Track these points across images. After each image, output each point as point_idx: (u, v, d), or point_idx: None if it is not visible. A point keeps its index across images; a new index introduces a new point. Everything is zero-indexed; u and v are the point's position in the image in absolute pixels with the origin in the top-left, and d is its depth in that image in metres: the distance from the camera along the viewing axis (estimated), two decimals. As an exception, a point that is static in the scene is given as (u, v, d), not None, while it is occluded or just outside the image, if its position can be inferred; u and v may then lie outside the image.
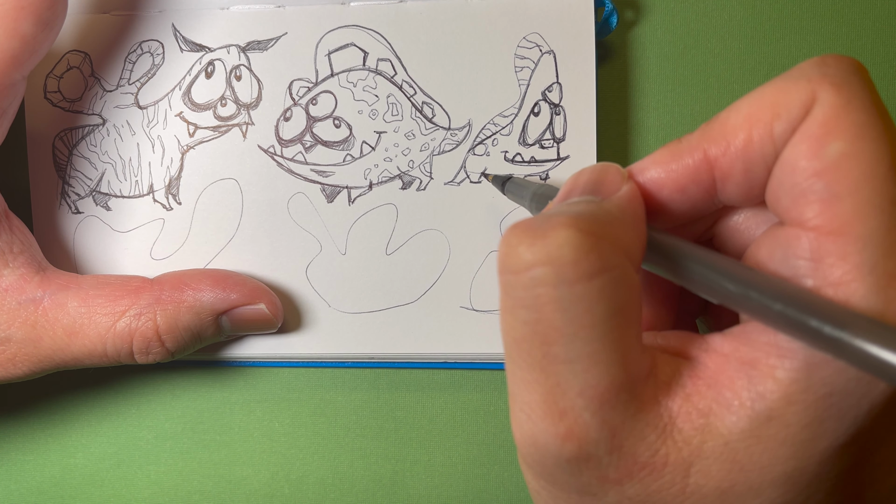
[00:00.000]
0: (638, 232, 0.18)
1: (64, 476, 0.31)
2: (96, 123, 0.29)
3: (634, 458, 0.17)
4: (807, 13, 0.29)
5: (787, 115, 0.17)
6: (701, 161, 0.18)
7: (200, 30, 0.29)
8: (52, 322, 0.26)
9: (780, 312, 0.16)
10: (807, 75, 0.17)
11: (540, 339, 0.17)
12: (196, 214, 0.29)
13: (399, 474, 0.30)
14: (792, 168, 0.17)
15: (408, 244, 0.29)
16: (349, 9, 0.28)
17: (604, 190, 0.19)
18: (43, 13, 0.24)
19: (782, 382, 0.16)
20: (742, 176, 0.18)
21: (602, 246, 0.16)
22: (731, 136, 0.18)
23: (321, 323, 0.29)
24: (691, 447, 0.17)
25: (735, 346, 0.17)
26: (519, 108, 0.28)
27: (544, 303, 0.16)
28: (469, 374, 0.30)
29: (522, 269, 0.16)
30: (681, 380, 0.18)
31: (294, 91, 0.29)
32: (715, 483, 0.17)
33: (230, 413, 0.31)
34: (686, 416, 0.17)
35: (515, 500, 0.30)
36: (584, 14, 0.28)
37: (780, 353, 0.17)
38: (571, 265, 0.16)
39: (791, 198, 0.17)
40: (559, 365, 0.17)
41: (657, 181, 0.19)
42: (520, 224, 0.17)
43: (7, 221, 0.26)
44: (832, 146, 0.16)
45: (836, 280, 0.16)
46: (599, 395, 0.17)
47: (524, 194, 0.25)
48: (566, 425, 0.17)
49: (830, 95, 0.16)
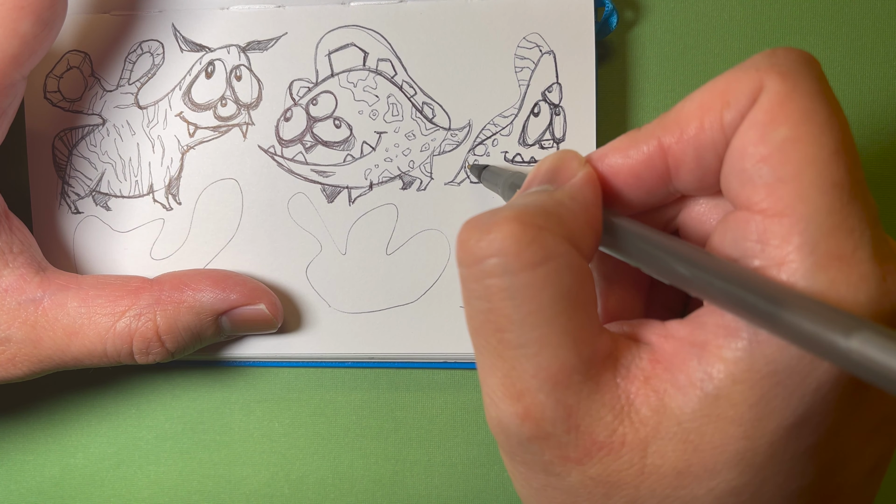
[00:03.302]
0: (589, 217, 0.19)
1: (64, 476, 0.31)
2: (96, 123, 0.29)
3: (592, 437, 0.18)
4: (807, 13, 0.29)
5: (735, 104, 0.17)
6: (655, 148, 0.19)
7: (200, 30, 0.29)
8: (51, 322, 0.26)
9: (720, 289, 0.16)
10: (756, 65, 0.18)
11: (493, 326, 0.18)
12: (196, 214, 0.29)
13: (399, 474, 0.31)
14: (740, 154, 0.17)
15: (408, 244, 0.29)
16: (349, 9, 0.28)
17: (560, 177, 0.20)
18: (43, 13, 0.24)
19: (728, 361, 0.17)
20: (694, 163, 0.19)
21: (544, 236, 0.17)
22: (684, 124, 0.18)
23: (321, 323, 0.29)
24: (648, 428, 0.17)
25: (689, 330, 0.18)
26: (519, 108, 0.28)
27: (494, 292, 0.17)
28: (469, 374, 0.30)
29: (473, 262, 0.18)
30: (640, 363, 0.18)
31: (294, 91, 0.29)
32: (671, 463, 0.17)
33: (230, 413, 0.31)
34: (644, 398, 0.18)
35: (515, 500, 0.30)
36: (584, 14, 0.28)
37: (728, 333, 0.17)
38: (514, 256, 0.17)
39: (740, 183, 0.17)
40: (512, 350, 0.18)
41: (615, 167, 0.20)
42: (471, 220, 0.18)
43: (7, 221, 0.26)
44: (777, 132, 0.17)
45: (780, 260, 0.16)
46: (552, 376, 0.17)
47: (498, 182, 0.25)
48: (523, 406, 0.18)
49: (776, 84, 0.17)
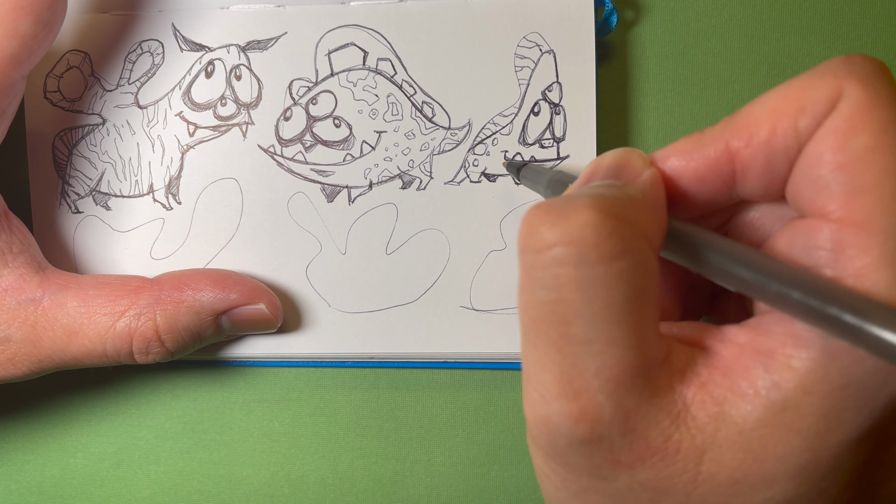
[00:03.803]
0: (659, 218, 0.18)
1: (64, 476, 0.31)
2: (96, 123, 0.29)
3: (647, 442, 0.17)
4: (807, 13, 0.29)
5: (812, 110, 0.17)
6: (723, 152, 0.18)
7: (200, 29, 0.29)
8: (51, 322, 0.26)
9: (798, 300, 0.16)
10: (833, 71, 0.17)
11: (558, 318, 0.17)
12: (196, 214, 0.29)
13: (399, 474, 0.30)
14: (816, 161, 0.17)
15: (408, 244, 0.29)
16: (349, 8, 0.28)
17: (626, 175, 0.19)
18: (42, 13, 0.24)
19: (798, 371, 0.16)
20: (763, 169, 0.18)
21: (624, 229, 0.16)
22: (755, 128, 0.18)
23: (321, 323, 0.29)
24: (705, 435, 0.17)
25: (751, 337, 0.18)
26: (519, 107, 0.28)
27: (564, 283, 0.16)
28: (469, 374, 0.30)
29: (543, 248, 0.17)
30: (696, 368, 0.18)
31: (294, 91, 0.29)
32: (727, 472, 0.17)
33: (230, 413, 0.31)
34: (700, 404, 0.17)
35: (515, 500, 0.30)
36: (584, 14, 0.28)
37: (797, 342, 0.17)
38: (593, 246, 0.16)
39: (814, 190, 0.17)
40: (576, 345, 0.17)
41: (678, 170, 0.19)
42: (542, 204, 0.17)
43: (7, 221, 0.26)
44: (857, 140, 0.16)
45: (857, 271, 0.16)
46: (615, 377, 0.17)
47: (540, 181, 0.24)
48: (580, 406, 0.17)
49: (857, 91, 0.17)
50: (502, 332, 0.28)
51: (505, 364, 0.29)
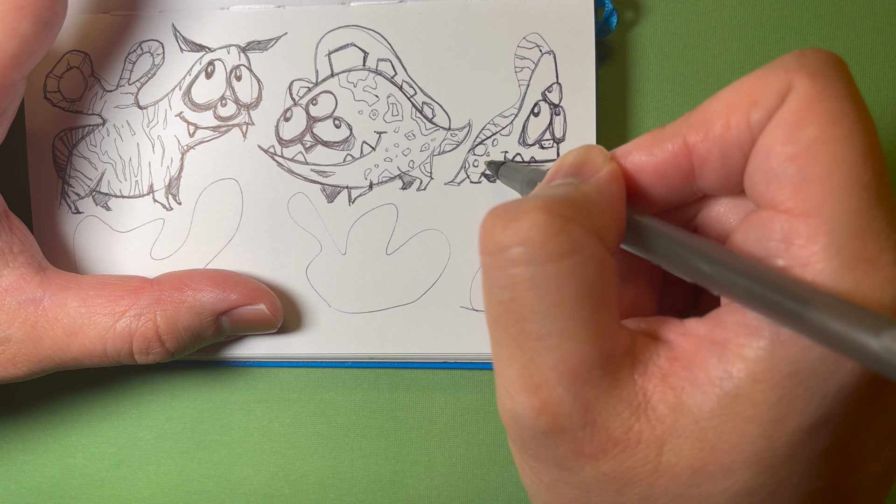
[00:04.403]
0: (614, 212, 0.19)
1: (64, 476, 0.31)
2: (96, 123, 0.29)
3: (608, 433, 0.17)
4: (807, 13, 0.29)
5: (763, 103, 0.17)
6: (680, 147, 0.19)
7: (200, 30, 0.29)
8: (51, 322, 0.26)
9: (745, 288, 0.16)
10: (785, 65, 0.18)
11: (514, 316, 0.17)
12: (196, 214, 0.29)
13: (399, 474, 0.31)
14: (767, 153, 0.17)
15: (408, 244, 0.29)
16: (349, 9, 0.28)
17: (585, 172, 0.20)
18: (42, 13, 0.24)
19: (749, 360, 0.17)
20: (719, 162, 0.19)
21: (571, 228, 0.17)
22: (710, 122, 0.18)
23: (321, 323, 0.29)
24: (664, 425, 0.17)
25: (709, 329, 0.18)
26: (519, 108, 0.28)
27: (517, 282, 0.17)
28: (469, 374, 0.30)
29: (497, 250, 0.17)
30: (658, 361, 0.18)
31: (294, 91, 0.29)
32: (687, 462, 0.17)
33: (230, 413, 0.31)
34: (661, 395, 0.17)
35: (515, 500, 0.30)
36: (584, 14, 0.28)
37: (749, 332, 0.17)
38: (541, 246, 0.17)
39: (765, 182, 0.17)
40: (533, 341, 0.17)
41: (638, 164, 0.20)
42: (497, 208, 0.18)
43: (7, 221, 0.26)
44: (805, 131, 0.17)
45: (805, 260, 0.16)
46: (571, 369, 0.17)
47: (516, 178, 0.25)
48: (541, 399, 0.17)
49: (806, 84, 0.17)
50: (502, 332, 0.28)
51: (505, 364, 0.29)
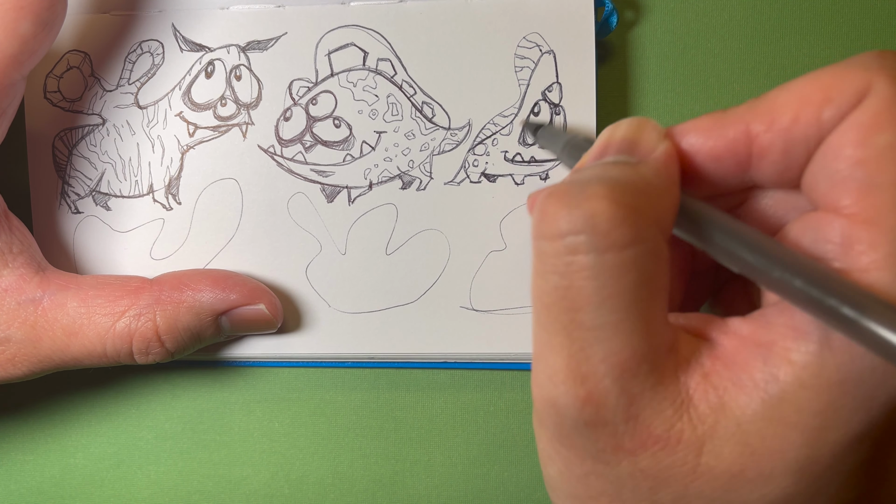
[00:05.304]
0: (671, 196, 0.18)
1: (64, 476, 0.31)
2: (96, 123, 0.29)
3: (650, 430, 0.17)
4: (807, 13, 0.29)
5: (838, 101, 0.17)
6: (742, 134, 0.18)
7: (200, 30, 0.29)
8: (51, 322, 0.26)
9: (799, 288, 0.16)
10: (864, 65, 0.17)
11: (568, 304, 0.17)
12: (196, 214, 0.29)
13: (399, 474, 0.30)
14: (835, 154, 0.17)
15: (408, 244, 0.29)
16: (349, 9, 0.28)
17: (640, 150, 0.19)
18: (42, 13, 0.24)
19: (796, 365, 0.16)
20: (780, 155, 0.18)
21: (635, 218, 0.17)
22: (778, 114, 0.18)
23: (321, 323, 0.29)
24: (705, 426, 0.17)
25: (753, 329, 0.18)
26: (519, 107, 0.28)
27: (575, 270, 0.17)
28: (469, 374, 0.30)
29: (557, 236, 0.17)
30: (700, 359, 0.18)
31: (294, 91, 0.29)
32: (726, 465, 0.17)
33: (230, 413, 0.31)
34: (702, 395, 0.17)
35: (515, 500, 0.30)
36: (584, 14, 0.28)
37: (797, 335, 0.17)
38: (604, 235, 0.16)
39: (830, 184, 0.17)
40: (585, 331, 0.17)
41: (695, 146, 0.19)
42: (556, 191, 0.17)
43: (6, 221, 0.26)
44: (880, 137, 0.16)
45: (864, 267, 0.16)
46: (621, 363, 0.17)
47: (557, 142, 0.24)
48: (587, 389, 0.17)
49: (886, 87, 0.16)
50: (502, 332, 0.28)
51: (505, 364, 0.29)
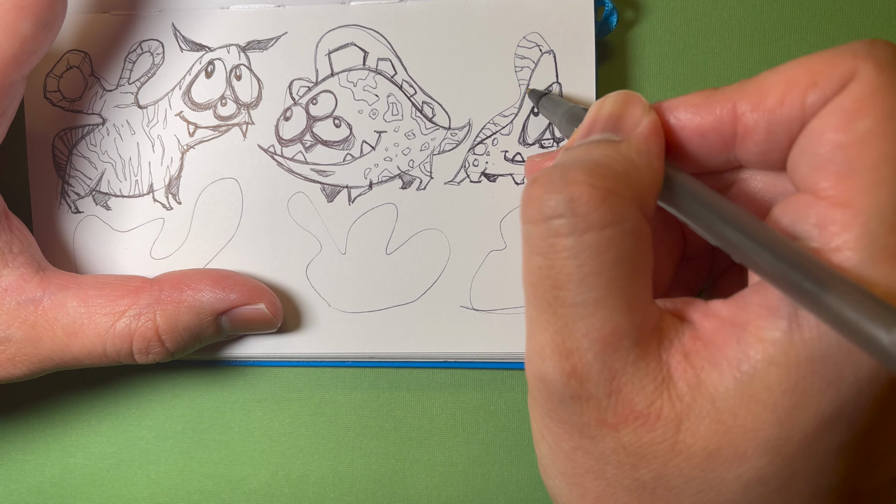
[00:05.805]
0: (652, 172, 0.19)
1: (64, 476, 0.31)
2: (96, 123, 0.29)
3: (631, 405, 0.18)
4: (807, 13, 0.29)
5: (823, 85, 0.17)
6: (728, 112, 0.19)
7: (200, 29, 0.29)
8: (51, 322, 0.26)
9: (768, 262, 0.16)
10: (853, 52, 0.17)
11: (552, 283, 0.18)
12: (196, 214, 0.29)
13: (399, 474, 0.30)
14: (817, 137, 0.17)
15: (408, 244, 0.29)
16: (349, 8, 0.28)
17: (624, 126, 0.19)
18: (42, 13, 0.24)
19: (766, 342, 0.17)
20: (763, 135, 0.18)
21: (613, 199, 0.17)
22: (764, 94, 0.18)
23: (321, 323, 0.29)
24: (683, 404, 0.17)
25: (732, 310, 0.18)
26: (519, 107, 0.28)
27: (557, 250, 0.18)
28: (469, 374, 0.30)
29: (540, 219, 0.18)
30: (682, 339, 0.18)
31: (294, 91, 0.29)
32: (702, 443, 0.17)
33: (230, 413, 0.31)
34: (682, 373, 0.18)
35: (515, 500, 0.30)
36: (584, 14, 0.28)
37: (769, 314, 0.17)
38: (583, 217, 0.17)
39: (810, 166, 0.17)
40: (568, 308, 0.18)
41: (682, 121, 0.20)
42: (539, 178, 0.18)
43: (6, 221, 0.26)
44: (861, 122, 0.16)
45: (836, 247, 0.16)
46: (602, 337, 0.17)
47: (556, 112, 0.25)
48: (571, 363, 0.18)
49: (871, 74, 0.17)
50: (502, 332, 0.28)
51: (505, 364, 0.29)
